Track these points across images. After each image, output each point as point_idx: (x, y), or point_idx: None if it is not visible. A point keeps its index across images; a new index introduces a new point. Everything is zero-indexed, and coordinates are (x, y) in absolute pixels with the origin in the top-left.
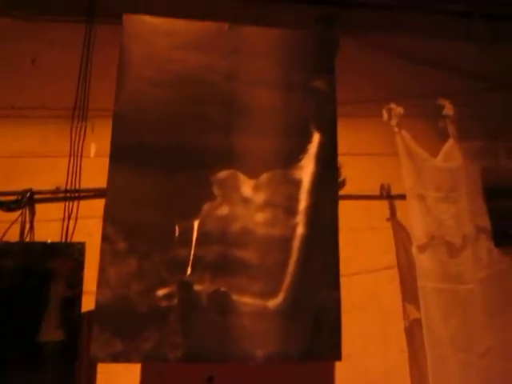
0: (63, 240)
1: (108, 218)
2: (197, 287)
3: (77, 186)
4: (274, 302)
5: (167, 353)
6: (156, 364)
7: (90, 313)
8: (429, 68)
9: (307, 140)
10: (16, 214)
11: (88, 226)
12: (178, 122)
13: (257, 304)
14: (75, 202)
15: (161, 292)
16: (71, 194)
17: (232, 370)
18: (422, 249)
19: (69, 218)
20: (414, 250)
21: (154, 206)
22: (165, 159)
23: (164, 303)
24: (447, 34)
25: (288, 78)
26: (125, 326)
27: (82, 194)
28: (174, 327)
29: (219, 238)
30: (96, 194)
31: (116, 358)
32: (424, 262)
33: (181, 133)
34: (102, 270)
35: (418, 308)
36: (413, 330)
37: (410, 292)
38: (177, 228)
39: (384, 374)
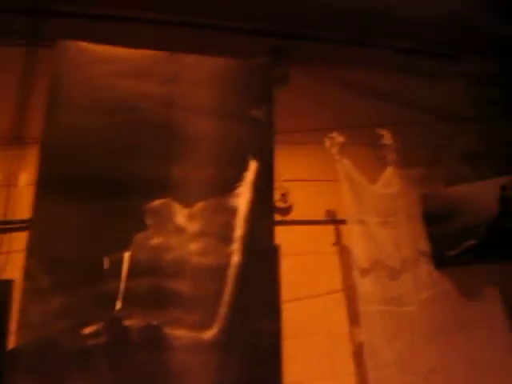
0: None
1: (31, 252)
2: (127, 322)
3: (9, 217)
4: (208, 334)
5: None
6: None
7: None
8: (376, 100)
9: (243, 168)
10: None
11: (21, 260)
12: (111, 150)
13: (191, 337)
14: (7, 235)
15: (87, 330)
16: (3, 226)
17: None
18: (364, 273)
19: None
20: (355, 274)
21: (82, 238)
22: (95, 189)
23: (91, 341)
24: (394, 69)
25: (226, 107)
26: (49, 370)
27: (14, 226)
28: (102, 367)
29: (151, 270)
30: (30, 225)
31: None
32: (366, 285)
33: (113, 161)
34: (24, 310)
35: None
36: (360, 353)
37: (356, 315)
38: (106, 260)
39: None
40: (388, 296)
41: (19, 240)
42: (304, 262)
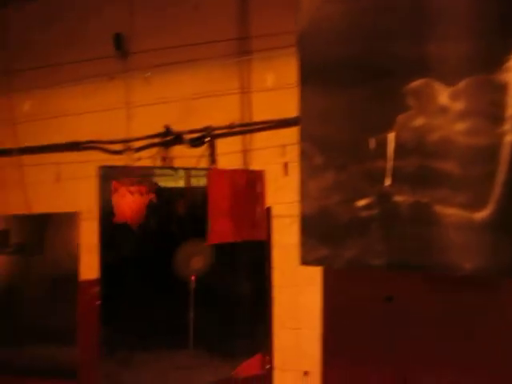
0: None
1: (303, 135)
2: (397, 198)
3: (249, 120)
4: (481, 215)
5: (370, 260)
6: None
7: None
8: None
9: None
10: (198, 150)
11: (263, 156)
12: (363, 34)
13: (462, 216)
14: (250, 135)
15: (360, 203)
16: (248, 128)
17: (411, 289)
18: None
19: (246, 150)
20: None
21: (346, 121)
22: (354, 73)
23: (364, 213)
24: None
25: None
26: (328, 234)
27: (254, 128)
28: (375, 236)
29: (417, 150)
30: (268, 125)
31: (321, 263)
32: None
33: (367, 45)
34: (303, 184)
35: None
36: None
37: None
38: (371, 141)
39: None
40: None
41: (261, 139)
42: None
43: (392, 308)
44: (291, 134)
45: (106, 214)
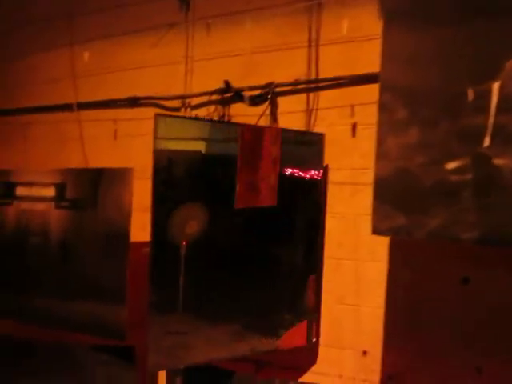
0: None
1: (384, 84)
2: (497, 161)
3: (316, 77)
4: None
5: (459, 232)
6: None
7: None
8: None
9: None
10: (259, 108)
11: (329, 116)
12: None
13: None
14: (315, 93)
15: (450, 165)
16: (314, 85)
17: (491, 271)
18: None
19: (310, 109)
20: None
21: (439, 68)
22: (450, 10)
23: (454, 178)
24: None
25: None
26: (408, 200)
27: (321, 85)
28: (467, 205)
29: None
30: (336, 82)
31: (398, 233)
32: None
33: None
34: (381, 142)
35: None
36: None
37: None
38: (470, 92)
39: None
40: None
41: (327, 98)
42: None
43: (468, 290)
44: (362, 93)
45: None
